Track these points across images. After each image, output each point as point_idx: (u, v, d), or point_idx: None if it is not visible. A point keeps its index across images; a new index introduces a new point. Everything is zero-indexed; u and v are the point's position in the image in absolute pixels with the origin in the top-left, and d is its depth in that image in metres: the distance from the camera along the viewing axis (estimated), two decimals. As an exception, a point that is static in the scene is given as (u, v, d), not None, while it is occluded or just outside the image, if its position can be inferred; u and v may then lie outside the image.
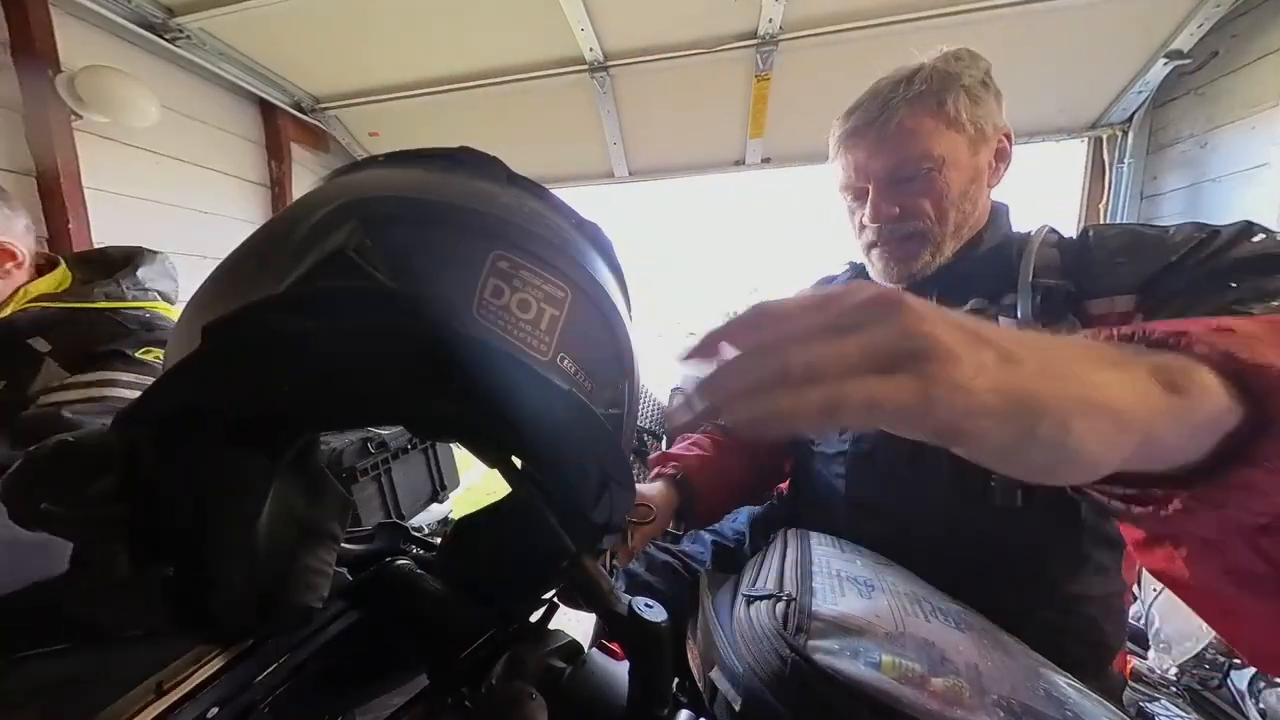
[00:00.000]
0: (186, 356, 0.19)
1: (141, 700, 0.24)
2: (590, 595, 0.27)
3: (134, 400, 0.20)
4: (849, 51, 1.24)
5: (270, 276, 0.21)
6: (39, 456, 0.20)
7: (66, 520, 0.20)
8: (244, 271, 0.22)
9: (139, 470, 0.22)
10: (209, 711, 0.27)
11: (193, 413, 0.22)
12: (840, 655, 0.28)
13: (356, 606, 0.36)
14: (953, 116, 0.47)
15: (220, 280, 0.23)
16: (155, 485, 0.22)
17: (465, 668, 0.33)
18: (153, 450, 0.22)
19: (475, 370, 0.21)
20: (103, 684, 0.24)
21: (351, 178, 0.26)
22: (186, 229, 1.43)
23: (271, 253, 0.22)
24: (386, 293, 0.20)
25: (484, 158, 0.26)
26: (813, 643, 0.29)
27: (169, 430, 0.21)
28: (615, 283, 0.28)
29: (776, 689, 0.28)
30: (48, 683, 0.23)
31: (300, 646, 0.32)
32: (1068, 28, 1.19)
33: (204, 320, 0.18)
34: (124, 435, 0.21)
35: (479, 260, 0.22)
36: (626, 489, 0.27)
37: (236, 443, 0.25)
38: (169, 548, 0.24)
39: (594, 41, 1.27)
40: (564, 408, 0.22)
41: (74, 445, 0.21)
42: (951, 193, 0.47)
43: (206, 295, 0.23)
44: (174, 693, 0.26)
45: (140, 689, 0.25)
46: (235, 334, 0.19)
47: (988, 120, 0.49)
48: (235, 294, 0.21)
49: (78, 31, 1.15)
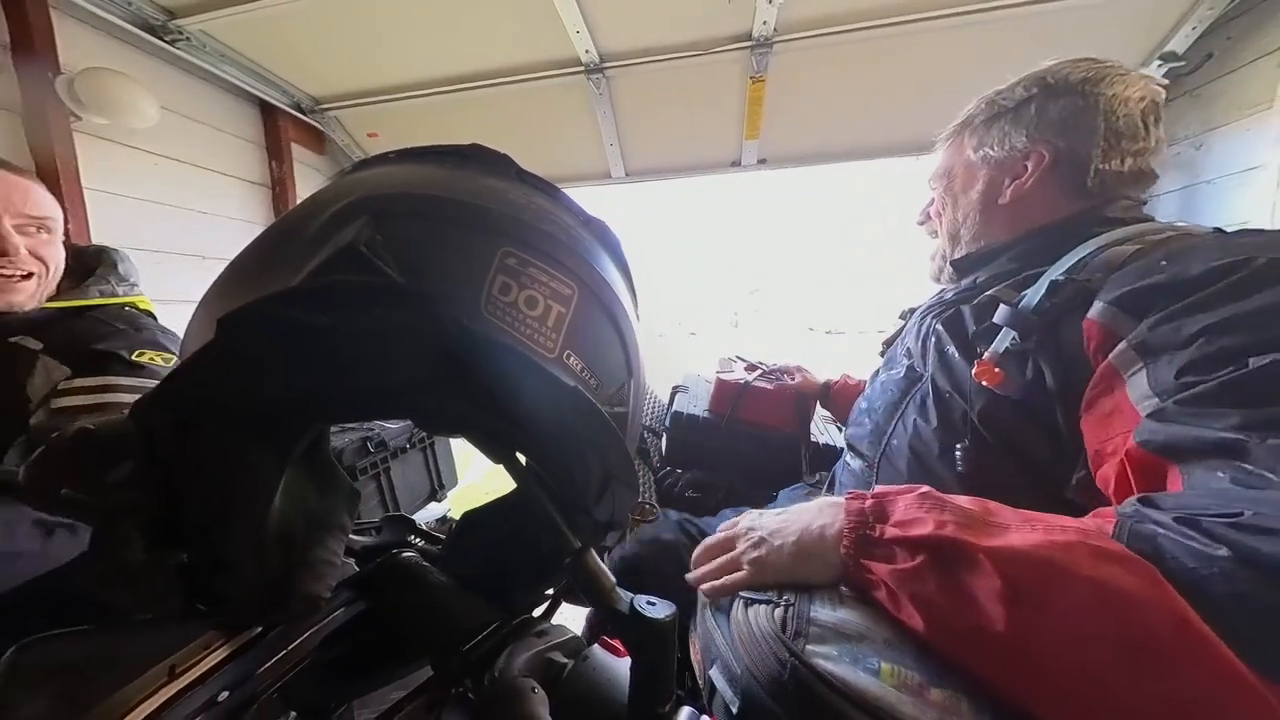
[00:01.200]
0: (202, 348, 0.19)
1: (155, 682, 0.25)
2: (592, 592, 0.27)
3: (151, 390, 0.21)
4: (844, 54, 1.26)
5: (284, 271, 0.21)
6: (59, 444, 0.21)
7: (85, 505, 0.21)
8: (259, 266, 0.23)
9: (155, 458, 0.22)
10: (219, 695, 0.27)
11: (207, 403, 0.22)
12: (839, 661, 0.28)
13: (363, 597, 0.37)
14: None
15: (236, 274, 0.23)
16: (170, 473, 0.23)
17: (469, 660, 0.33)
18: (168, 439, 0.22)
19: (482, 365, 0.22)
20: (118, 665, 0.24)
21: (364, 174, 0.26)
22: (187, 230, 1.43)
23: (285, 248, 0.22)
24: (396, 288, 0.20)
25: (494, 155, 0.27)
26: (811, 647, 0.29)
27: (184, 419, 0.22)
28: (622, 281, 0.29)
29: (774, 693, 0.28)
30: (66, 662, 0.23)
31: (308, 635, 0.33)
32: (1062, 30, 1.20)
33: (220, 313, 0.19)
34: (141, 424, 0.22)
35: (488, 257, 0.22)
36: (630, 487, 0.27)
37: (249, 433, 0.25)
38: (183, 534, 0.25)
39: (589, 43, 1.28)
40: (569, 404, 0.22)
41: (93, 433, 0.21)
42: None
43: (223, 288, 0.23)
44: (186, 676, 0.26)
45: (154, 671, 0.25)
46: (249, 326, 0.19)
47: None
48: (250, 287, 0.22)
49: (77, 33, 1.15)
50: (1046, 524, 0.28)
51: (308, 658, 0.32)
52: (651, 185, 1.80)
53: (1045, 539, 0.26)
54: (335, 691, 0.35)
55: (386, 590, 0.38)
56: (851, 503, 0.34)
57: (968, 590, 0.26)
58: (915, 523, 0.30)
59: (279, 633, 0.31)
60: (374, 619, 0.36)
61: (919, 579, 0.28)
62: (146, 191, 1.33)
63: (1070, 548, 0.25)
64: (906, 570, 0.29)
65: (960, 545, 0.27)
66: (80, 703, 0.22)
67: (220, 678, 0.28)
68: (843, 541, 0.33)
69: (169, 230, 1.38)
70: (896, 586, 0.29)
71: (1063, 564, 0.25)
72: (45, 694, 0.22)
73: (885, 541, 0.31)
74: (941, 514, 0.30)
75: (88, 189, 1.16)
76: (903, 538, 0.30)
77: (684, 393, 1.16)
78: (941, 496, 0.32)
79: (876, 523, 0.32)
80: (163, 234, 1.37)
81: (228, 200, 1.55)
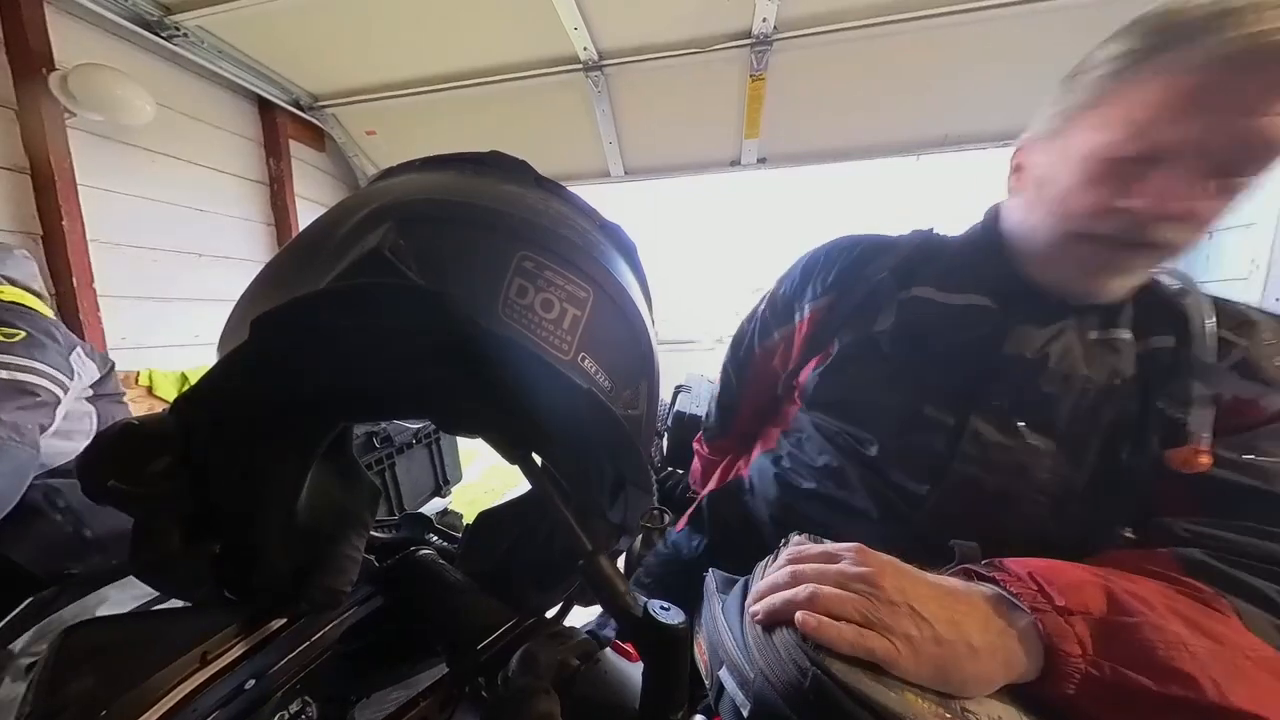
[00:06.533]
0: (236, 348, 0.20)
1: (189, 667, 0.26)
2: (605, 595, 0.27)
3: (191, 387, 0.22)
4: (845, 51, 1.25)
5: (313, 274, 0.22)
6: (108, 437, 0.22)
7: (129, 497, 0.22)
8: (289, 269, 0.24)
9: (192, 452, 0.23)
10: (246, 682, 0.29)
11: (241, 400, 0.23)
12: (861, 678, 0.26)
13: (382, 592, 0.38)
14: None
15: (268, 277, 0.24)
16: (206, 466, 0.24)
17: (483, 659, 0.34)
18: (205, 434, 0.23)
19: (499, 367, 0.22)
20: (155, 650, 0.26)
21: (389, 182, 0.27)
22: (184, 227, 1.42)
23: (314, 252, 0.23)
24: (417, 290, 0.21)
25: (512, 161, 0.27)
26: (832, 660, 0.27)
27: (220, 415, 0.23)
28: (637, 284, 0.29)
29: (791, 700, 0.27)
30: (109, 645, 0.25)
31: (330, 627, 0.34)
32: (1069, 26, 1.17)
33: (253, 314, 0.20)
34: (180, 418, 0.23)
35: (505, 260, 0.22)
36: (643, 490, 0.27)
37: (278, 429, 0.26)
38: (217, 525, 0.26)
39: (588, 41, 1.28)
40: (584, 407, 0.23)
41: (136, 427, 0.22)
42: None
43: (256, 291, 0.24)
44: (216, 663, 0.28)
45: (187, 657, 0.27)
46: (279, 327, 0.20)
47: None
48: (282, 290, 0.23)
49: (72, 28, 1.14)
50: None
51: (329, 650, 0.33)
52: (653, 184, 1.80)
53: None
54: (354, 683, 0.36)
55: (405, 586, 0.39)
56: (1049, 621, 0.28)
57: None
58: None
59: (302, 624, 0.32)
60: (392, 614, 0.37)
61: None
62: (143, 189, 1.32)
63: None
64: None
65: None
66: (122, 683, 0.24)
67: (247, 666, 0.29)
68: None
69: (166, 228, 1.37)
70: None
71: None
72: (90, 675, 0.23)
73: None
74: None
75: (82, 186, 1.15)
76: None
77: (686, 393, 1.17)
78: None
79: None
80: (159, 232, 1.36)
81: (225, 198, 1.54)
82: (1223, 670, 0.26)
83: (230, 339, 0.23)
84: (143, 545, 0.23)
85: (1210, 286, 0.42)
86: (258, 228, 1.65)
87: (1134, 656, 0.27)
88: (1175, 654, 0.26)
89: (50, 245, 1.12)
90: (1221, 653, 0.27)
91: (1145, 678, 0.26)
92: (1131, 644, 0.27)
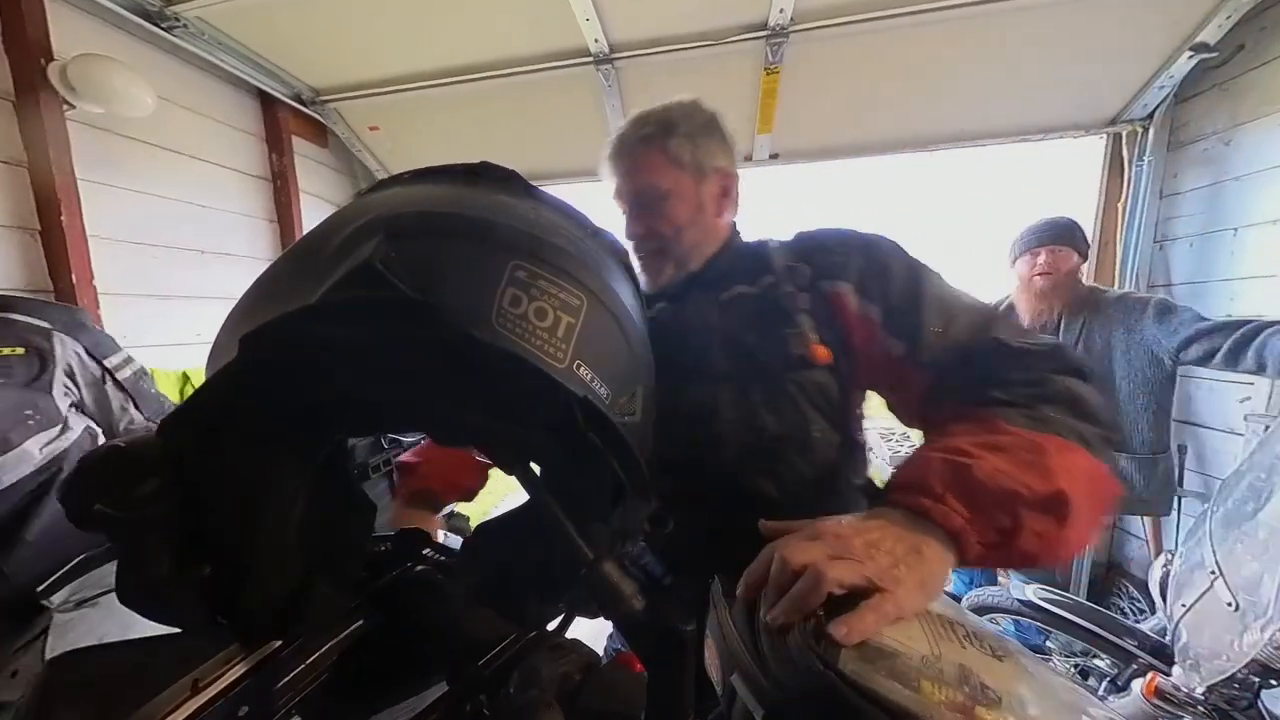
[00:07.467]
0: (226, 365, 0.19)
1: (179, 696, 0.25)
2: (609, 603, 0.26)
3: (178, 406, 0.21)
4: (865, 44, 1.22)
5: (304, 288, 0.21)
6: (92, 459, 0.21)
7: (116, 521, 0.21)
8: (281, 283, 0.23)
9: (181, 473, 0.22)
10: (240, 710, 0.27)
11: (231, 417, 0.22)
12: (874, 676, 0.27)
13: (379, 610, 0.36)
14: (674, 156, 0.56)
15: (260, 291, 0.23)
16: (196, 486, 0.23)
17: (484, 675, 0.33)
18: (194, 453, 0.22)
19: (494, 377, 0.21)
20: (144, 680, 0.25)
21: (379, 195, 0.26)
22: (185, 223, 1.41)
23: (305, 266, 0.22)
24: (409, 302, 0.20)
25: (503, 172, 0.27)
26: (845, 658, 0.28)
27: (209, 434, 0.22)
28: (630, 291, 0.29)
29: (807, 704, 0.27)
30: (96, 677, 0.24)
31: (326, 649, 0.32)
32: (1090, 20, 1.16)
33: (243, 330, 0.18)
34: (168, 440, 0.22)
35: (498, 270, 0.22)
36: (641, 496, 0.27)
37: (271, 445, 0.25)
38: (208, 547, 0.25)
39: (599, 32, 1.25)
40: (579, 414, 0.23)
41: (122, 449, 0.21)
42: (681, 219, 0.57)
43: (247, 305, 0.23)
44: (208, 690, 0.26)
45: (177, 686, 0.25)
46: (269, 343, 0.19)
47: (708, 161, 0.58)
48: (273, 305, 0.22)
49: (71, 18, 1.12)
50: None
51: (325, 672, 0.32)
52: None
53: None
54: (351, 707, 0.35)
55: (402, 604, 0.38)
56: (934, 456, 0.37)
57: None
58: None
59: (297, 647, 0.31)
60: (390, 633, 0.36)
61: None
62: (143, 183, 1.30)
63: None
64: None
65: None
66: (109, 716, 0.23)
67: (240, 693, 0.27)
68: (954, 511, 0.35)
69: (167, 224, 1.36)
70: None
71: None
72: (77, 709, 0.22)
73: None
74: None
75: (81, 180, 1.13)
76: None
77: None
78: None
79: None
80: (160, 228, 1.35)
81: (227, 193, 1.53)
82: (1030, 475, 0.34)
83: (220, 356, 0.22)
84: (130, 570, 0.22)
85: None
86: (260, 224, 1.63)
87: (984, 496, 0.35)
88: (1000, 479, 0.34)
89: (49, 241, 1.11)
90: (1016, 458, 0.36)
91: (1002, 514, 0.34)
92: (977, 489, 0.35)
